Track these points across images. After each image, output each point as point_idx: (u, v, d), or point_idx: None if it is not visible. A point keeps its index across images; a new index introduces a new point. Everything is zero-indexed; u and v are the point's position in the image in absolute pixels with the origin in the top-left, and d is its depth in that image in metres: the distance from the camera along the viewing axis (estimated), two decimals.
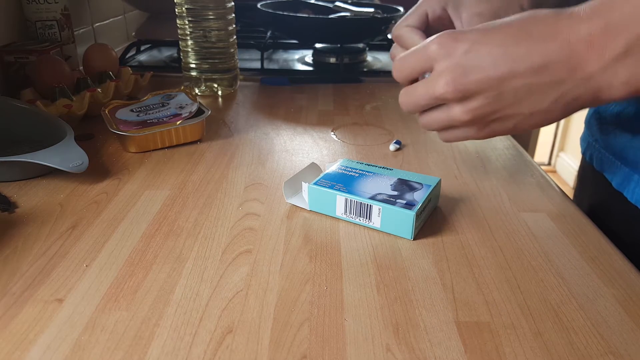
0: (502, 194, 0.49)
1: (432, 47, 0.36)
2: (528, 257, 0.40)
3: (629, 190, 0.48)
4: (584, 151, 0.59)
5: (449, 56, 0.35)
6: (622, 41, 0.31)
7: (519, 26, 0.34)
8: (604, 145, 0.53)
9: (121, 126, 0.57)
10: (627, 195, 0.48)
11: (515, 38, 0.34)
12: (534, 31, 0.34)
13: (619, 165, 0.50)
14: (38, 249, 0.40)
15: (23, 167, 0.49)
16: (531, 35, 0.34)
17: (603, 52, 0.32)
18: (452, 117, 0.38)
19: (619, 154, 0.50)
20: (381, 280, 0.37)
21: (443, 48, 0.35)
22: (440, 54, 0.36)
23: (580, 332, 0.32)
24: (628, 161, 0.48)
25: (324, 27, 0.90)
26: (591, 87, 0.33)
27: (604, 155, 0.53)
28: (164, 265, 0.38)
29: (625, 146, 0.49)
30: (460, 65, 0.35)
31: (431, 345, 0.31)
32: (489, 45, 0.34)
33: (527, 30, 0.34)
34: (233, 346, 0.31)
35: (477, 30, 0.35)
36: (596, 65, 0.32)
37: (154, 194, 0.48)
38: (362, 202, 0.42)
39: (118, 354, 0.30)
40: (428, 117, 0.40)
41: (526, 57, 0.34)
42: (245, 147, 0.59)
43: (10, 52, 0.70)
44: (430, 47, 0.36)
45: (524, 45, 0.34)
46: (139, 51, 1.00)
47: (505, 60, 0.34)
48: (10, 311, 0.33)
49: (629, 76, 0.32)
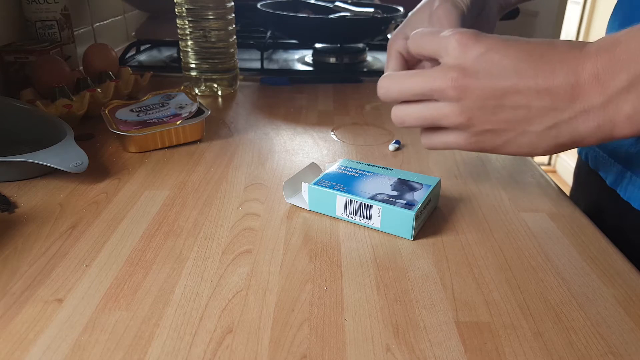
0: (502, 194, 0.49)
1: (453, 40, 0.36)
2: (528, 257, 0.40)
3: (622, 188, 0.49)
4: (580, 150, 0.59)
5: (463, 54, 0.35)
6: (625, 75, 0.31)
7: (535, 47, 0.35)
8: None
9: (121, 126, 0.57)
10: (620, 193, 0.49)
11: (529, 56, 0.34)
12: (547, 54, 0.34)
13: (612, 163, 0.51)
14: (38, 249, 0.40)
15: (23, 167, 0.49)
16: (543, 57, 0.34)
17: (606, 86, 0.32)
18: (444, 114, 0.37)
19: (612, 152, 0.50)
20: (381, 280, 0.37)
21: (462, 45, 0.35)
22: (457, 49, 0.36)
23: (580, 332, 0.32)
24: (621, 159, 0.49)
25: (324, 27, 0.90)
26: (591, 123, 0.33)
27: (598, 154, 0.53)
28: (164, 265, 0.38)
29: (618, 144, 0.49)
30: (470, 66, 0.35)
31: (431, 345, 0.31)
32: (502, 55, 0.35)
33: (541, 52, 0.34)
34: (233, 346, 0.31)
35: (497, 38, 0.36)
36: (599, 99, 0.32)
37: (153, 194, 0.48)
38: (362, 202, 0.42)
39: (118, 354, 0.30)
40: (413, 108, 0.39)
41: (533, 77, 0.34)
42: (245, 147, 0.59)
43: (10, 52, 0.70)
44: (451, 38, 0.36)
45: (534, 64, 0.34)
46: (139, 51, 1.00)
47: (513, 74, 0.34)
48: (10, 311, 0.33)
49: (632, 111, 0.32)
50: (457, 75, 0.35)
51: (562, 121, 0.34)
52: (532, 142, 0.36)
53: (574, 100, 0.33)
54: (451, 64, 0.36)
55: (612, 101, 0.32)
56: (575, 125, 0.34)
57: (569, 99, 0.33)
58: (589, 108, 0.33)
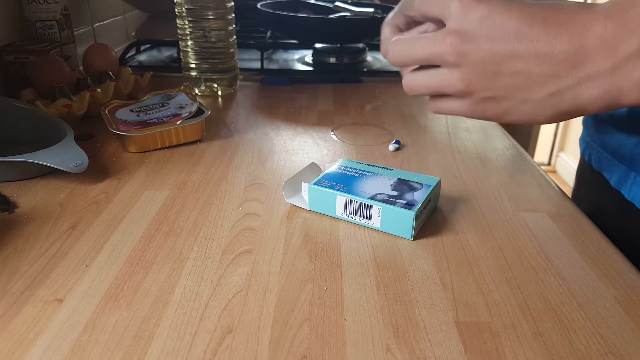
0: (502, 194, 0.49)
1: (454, 4, 0.34)
2: (528, 257, 0.40)
3: (626, 188, 0.48)
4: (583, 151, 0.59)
5: (464, 17, 0.34)
6: (637, 39, 0.29)
7: (540, 8, 0.33)
8: (601, 144, 0.53)
9: (121, 126, 0.57)
10: (624, 193, 0.49)
11: (532, 18, 0.32)
12: (551, 17, 0.32)
13: (616, 163, 0.50)
14: (38, 249, 0.40)
15: (23, 167, 0.49)
16: (546, 20, 0.32)
17: (615, 51, 0.30)
18: (445, 80, 0.36)
19: (616, 152, 0.50)
20: (381, 280, 0.37)
21: (462, 8, 0.34)
22: (458, 13, 0.34)
23: (580, 332, 0.32)
24: (625, 159, 0.49)
25: (324, 27, 0.90)
26: (595, 90, 0.31)
27: (601, 154, 0.53)
28: (164, 265, 0.38)
29: (621, 144, 0.49)
30: (471, 30, 0.34)
31: (431, 345, 0.31)
32: (505, 17, 0.33)
33: (545, 15, 0.32)
34: (233, 346, 0.31)
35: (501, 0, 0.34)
36: (606, 64, 0.30)
37: (153, 194, 0.48)
38: (362, 202, 0.42)
39: (118, 354, 0.30)
40: (420, 76, 0.38)
41: (534, 41, 0.32)
42: (245, 147, 0.59)
43: (10, 52, 0.70)
44: (452, 2, 0.34)
45: (536, 28, 0.32)
46: (139, 51, 1.00)
47: (514, 38, 0.32)
48: (10, 311, 0.33)
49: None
50: (456, 39, 0.34)
51: (563, 88, 0.32)
52: (532, 111, 0.35)
53: (578, 66, 0.31)
54: (452, 27, 0.34)
55: (620, 67, 0.30)
56: (578, 93, 0.32)
57: (571, 65, 0.31)
58: (594, 74, 0.31)
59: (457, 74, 0.35)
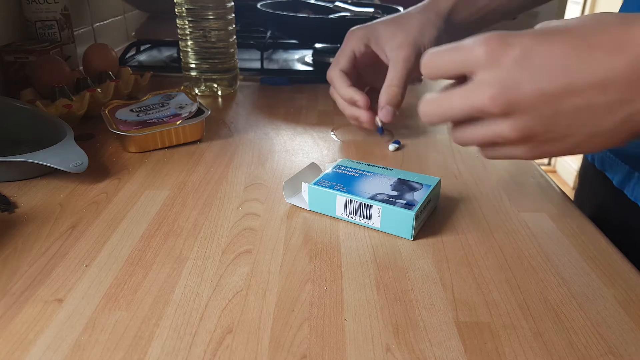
0: (502, 194, 0.49)
1: (478, 51, 0.31)
2: (528, 257, 0.40)
3: (629, 188, 0.48)
4: None
5: (497, 64, 0.31)
6: None
7: (580, 34, 0.30)
8: None
9: (121, 126, 0.57)
10: (627, 193, 0.49)
11: (575, 48, 0.29)
12: (597, 41, 0.29)
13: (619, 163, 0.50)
14: (38, 249, 0.40)
15: (23, 167, 0.49)
16: (593, 45, 0.29)
17: None
18: (497, 134, 0.33)
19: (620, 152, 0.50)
20: (381, 280, 0.37)
21: (490, 53, 0.31)
22: (487, 59, 0.31)
23: (580, 332, 0.32)
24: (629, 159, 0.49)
25: (324, 27, 0.90)
26: None
27: (605, 154, 0.53)
28: (164, 265, 0.38)
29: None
30: (510, 76, 0.30)
31: (431, 345, 0.31)
32: (544, 54, 0.30)
33: (589, 40, 0.29)
34: (233, 346, 0.31)
35: (531, 34, 0.31)
36: None
37: (153, 194, 0.48)
38: (362, 202, 0.42)
39: (118, 354, 0.30)
40: (468, 132, 0.35)
41: (587, 72, 0.29)
42: (245, 147, 0.59)
43: (10, 52, 0.70)
44: (475, 49, 0.31)
45: (585, 57, 0.29)
46: (139, 51, 1.00)
47: (563, 74, 0.30)
48: (10, 311, 0.33)
49: None
50: (497, 91, 0.31)
51: (635, 111, 0.29)
52: (605, 140, 0.31)
53: None
54: (487, 78, 0.31)
55: None
56: None
57: (636, 85, 0.29)
58: None
59: (509, 124, 0.32)
